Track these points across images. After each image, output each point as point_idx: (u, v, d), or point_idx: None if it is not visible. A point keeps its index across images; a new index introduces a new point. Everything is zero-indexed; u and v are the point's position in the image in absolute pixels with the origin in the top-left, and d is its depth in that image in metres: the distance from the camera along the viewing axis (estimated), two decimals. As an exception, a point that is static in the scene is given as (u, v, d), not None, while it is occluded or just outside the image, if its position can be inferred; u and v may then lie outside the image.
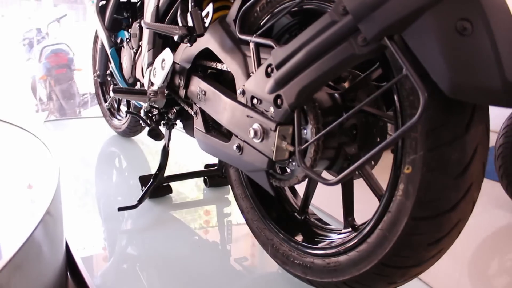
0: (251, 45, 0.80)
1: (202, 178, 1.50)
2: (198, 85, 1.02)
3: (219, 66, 0.96)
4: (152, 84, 1.20)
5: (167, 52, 1.09)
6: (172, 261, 1.05)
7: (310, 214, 0.94)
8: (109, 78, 1.97)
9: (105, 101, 2.04)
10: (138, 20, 1.43)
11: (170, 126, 1.29)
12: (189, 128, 1.24)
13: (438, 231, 0.61)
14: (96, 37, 2.03)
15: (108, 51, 1.63)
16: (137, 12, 1.60)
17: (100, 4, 1.63)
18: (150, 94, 1.16)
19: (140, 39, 1.40)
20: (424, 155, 0.58)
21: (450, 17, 0.50)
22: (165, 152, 1.34)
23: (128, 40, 1.54)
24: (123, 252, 1.10)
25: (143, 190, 1.33)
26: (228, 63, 0.89)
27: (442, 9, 0.50)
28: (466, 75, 0.50)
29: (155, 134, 1.21)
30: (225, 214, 1.37)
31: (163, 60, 1.12)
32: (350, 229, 0.80)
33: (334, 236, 0.84)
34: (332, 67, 0.60)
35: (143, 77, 1.30)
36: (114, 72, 1.64)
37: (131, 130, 1.92)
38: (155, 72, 1.17)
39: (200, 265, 1.03)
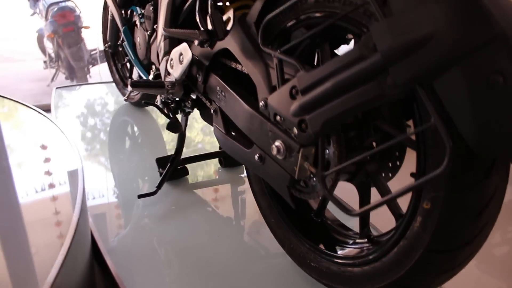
0: (274, 60, 0.80)
1: (217, 159, 1.54)
2: (217, 84, 1.03)
3: (239, 67, 0.96)
4: (168, 73, 1.20)
5: (185, 47, 1.09)
6: (192, 247, 1.10)
7: (327, 216, 0.98)
8: (120, 49, 1.96)
9: (117, 71, 2.03)
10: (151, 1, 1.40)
11: (187, 113, 1.31)
12: (206, 115, 1.26)
13: (452, 262, 0.65)
14: (105, 5, 1.99)
15: (121, 28, 1.61)
16: None
17: None
18: (168, 86, 1.16)
19: (155, 22, 1.38)
20: (445, 196, 0.60)
21: (483, 70, 0.49)
22: (181, 137, 1.36)
23: (141, 17, 1.52)
24: (145, 239, 1.15)
25: (160, 172, 1.37)
26: (250, 70, 0.89)
27: (476, 61, 0.49)
28: (493, 132, 0.50)
29: (174, 127, 1.22)
30: (240, 193, 1.42)
31: (181, 54, 1.12)
32: (365, 239, 0.84)
33: (350, 243, 0.88)
34: (360, 104, 0.61)
35: (159, 63, 1.30)
36: (127, 50, 1.63)
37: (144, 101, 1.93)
38: (172, 64, 1.17)
39: (218, 250, 1.09)
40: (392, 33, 0.52)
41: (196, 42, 0.98)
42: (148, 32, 1.42)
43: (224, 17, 0.93)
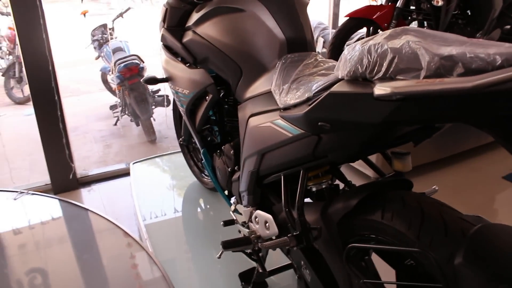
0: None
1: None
2: (300, 259, 1.20)
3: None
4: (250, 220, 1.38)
5: (271, 221, 1.25)
6: None
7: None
8: (194, 141, 2.14)
9: (195, 164, 2.22)
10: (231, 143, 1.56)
11: None
12: None
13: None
14: (175, 103, 2.16)
15: (200, 149, 1.78)
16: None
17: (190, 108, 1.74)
18: (254, 241, 1.34)
19: (235, 163, 1.54)
20: None
21: None
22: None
23: (219, 151, 1.67)
24: None
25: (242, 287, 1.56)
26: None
27: None
28: None
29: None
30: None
31: (266, 223, 1.29)
32: None
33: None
34: None
35: (241, 202, 1.47)
36: (208, 172, 1.79)
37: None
38: (257, 221, 1.34)
39: None
40: None
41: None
42: (229, 169, 1.58)
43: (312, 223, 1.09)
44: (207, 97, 1.62)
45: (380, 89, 0.74)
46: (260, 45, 1.34)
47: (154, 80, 1.86)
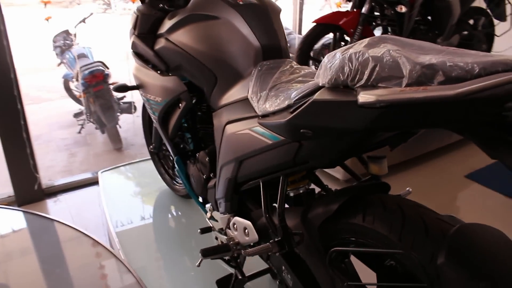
0: None
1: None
2: (282, 264, 1.20)
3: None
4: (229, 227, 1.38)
5: (250, 228, 1.25)
6: None
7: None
8: (167, 153, 2.11)
9: (166, 172, 2.19)
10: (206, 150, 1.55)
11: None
12: None
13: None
14: (144, 110, 2.13)
15: (173, 157, 1.76)
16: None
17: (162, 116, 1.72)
18: (233, 247, 1.33)
19: (211, 170, 1.53)
20: None
21: None
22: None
23: (193, 158, 1.66)
24: None
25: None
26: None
27: None
28: None
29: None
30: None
31: (246, 229, 1.29)
32: None
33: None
34: None
35: (217, 209, 1.47)
36: (181, 178, 1.77)
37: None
38: (236, 227, 1.34)
39: None
40: None
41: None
42: (205, 176, 1.57)
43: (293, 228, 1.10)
44: (180, 105, 1.60)
45: (364, 97, 0.76)
46: (235, 52, 1.34)
47: (124, 88, 1.83)
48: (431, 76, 0.70)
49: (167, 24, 1.54)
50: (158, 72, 1.65)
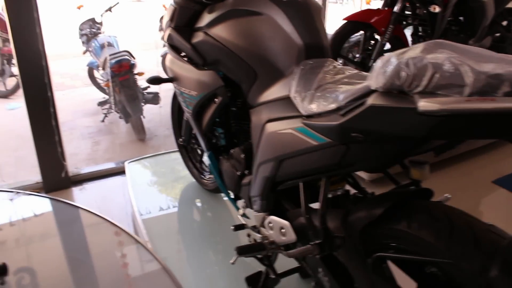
0: None
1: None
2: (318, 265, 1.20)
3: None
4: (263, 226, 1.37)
5: (287, 228, 1.25)
6: None
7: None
8: (196, 146, 2.11)
9: (194, 166, 2.20)
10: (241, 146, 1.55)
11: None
12: None
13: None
14: (173, 102, 2.13)
15: (205, 152, 1.76)
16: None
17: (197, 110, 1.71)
18: (268, 246, 1.33)
19: (246, 167, 1.52)
20: None
21: None
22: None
23: (226, 154, 1.65)
24: None
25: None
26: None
27: None
28: None
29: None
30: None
31: (282, 228, 1.28)
32: None
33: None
34: None
35: (251, 206, 1.46)
36: (213, 174, 1.77)
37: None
38: (272, 227, 1.34)
39: None
40: None
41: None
42: (239, 173, 1.56)
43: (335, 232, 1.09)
44: (216, 100, 1.60)
45: (425, 105, 0.74)
46: (277, 49, 1.33)
47: (158, 80, 1.83)
48: (497, 86, 0.69)
49: (207, 18, 1.53)
50: (194, 65, 1.65)
